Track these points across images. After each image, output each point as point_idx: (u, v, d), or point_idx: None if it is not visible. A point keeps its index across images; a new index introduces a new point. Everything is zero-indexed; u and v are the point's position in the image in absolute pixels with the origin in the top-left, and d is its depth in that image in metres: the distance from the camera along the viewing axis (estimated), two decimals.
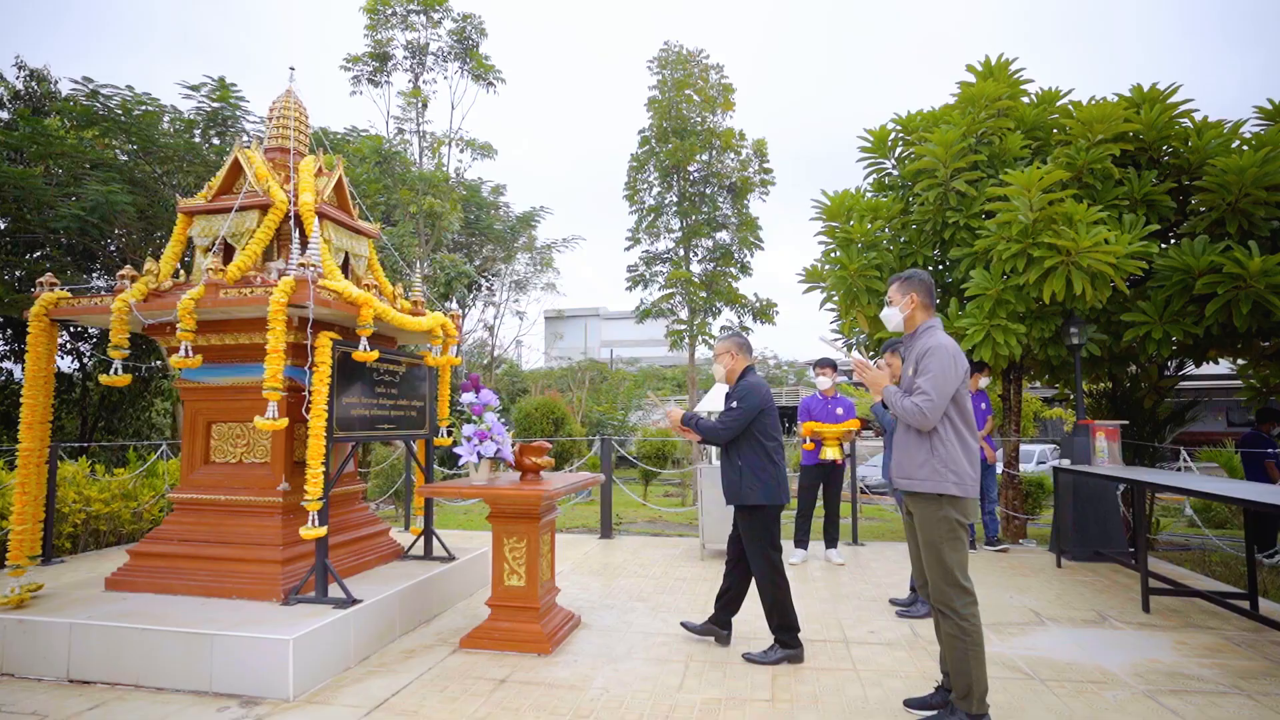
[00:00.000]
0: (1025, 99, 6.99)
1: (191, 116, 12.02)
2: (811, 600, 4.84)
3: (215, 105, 12.36)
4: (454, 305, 20.11)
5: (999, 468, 7.81)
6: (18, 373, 11.29)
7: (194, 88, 12.53)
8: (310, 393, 3.70)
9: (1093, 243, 5.48)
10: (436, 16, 13.86)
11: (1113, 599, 4.85)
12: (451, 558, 4.88)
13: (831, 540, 6.05)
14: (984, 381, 6.51)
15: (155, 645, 3.26)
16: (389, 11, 13.57)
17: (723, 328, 14.55)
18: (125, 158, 11.54)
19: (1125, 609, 4.59)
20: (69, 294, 3.90)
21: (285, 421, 3.58)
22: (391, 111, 14.17)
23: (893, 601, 4.70)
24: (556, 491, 3.83)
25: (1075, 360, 6.48)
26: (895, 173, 7.61)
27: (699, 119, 14.14)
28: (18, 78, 12.08)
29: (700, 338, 14.43)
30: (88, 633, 3.34)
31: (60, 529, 5.92)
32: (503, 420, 3.99)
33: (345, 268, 4.70)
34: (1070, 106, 6.66)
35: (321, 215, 4.33)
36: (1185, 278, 5.85)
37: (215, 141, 12.12)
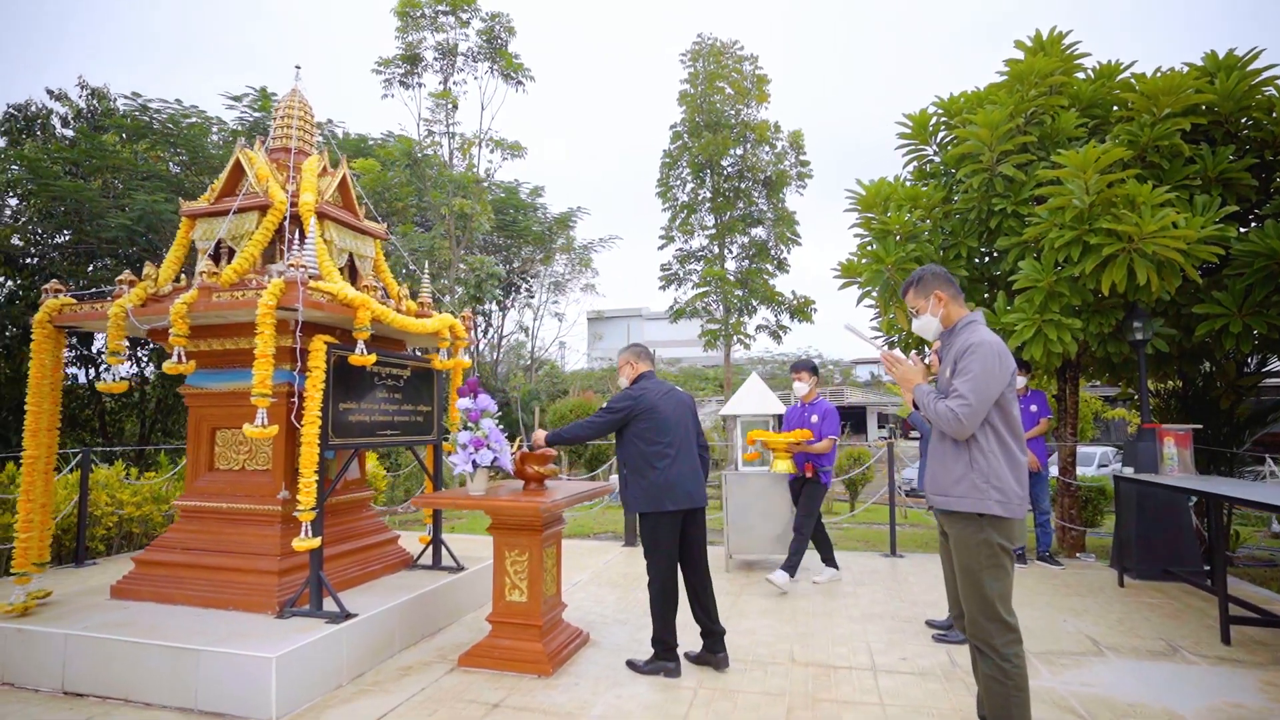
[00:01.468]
0: (1080, 75, 6.41)
1: (236, 127, 12.36)
2: (840, 619, 4.48)
3: (257, 115, 12.67)
4: (491, 306, 20.23)
5: (1053, 471, 7.20)
6: (80, 376, 11.84)
7: (236, 98, 12.85)
8: (303, 398, 3.57)
9: (1159, 227, 4.93)
10: (465, 16, 13.88)
11: (1185, 626, 4.32)
12: (460, 568, 4.72)
13: (824, 559, 5.54)
14: (1020, 382, 5.94)
15: (144, 659, 3.18)
16: (418, 13, 13.66)
17: (758, 327, 14.14)
18: (177, 169, 11.93)
19: (1200, 639, 4.07)
20: (72, 300, 3.89)
21: (275, 429, 3.46)
22: (422, 114, 14.30)
23: (929, 623, 4.30)
24: (559, 503, 3.61)
25: (1139, 358, 5.88)
26: (937, 159, 7.11)
27: (732, 112, 13.77)
28: (80, 96, 12.64)
29: (736, 337, 14.05)
30: (81, 644, 3.29)
31: (93, 532, 6.04)
32: (500, 426, 3.79)
33: (351, 269, 4.60)
34: (1132, 80, 6.05)
35: (322, 215, 4.22)
36: (1269, 264, 5.22)
37: None
